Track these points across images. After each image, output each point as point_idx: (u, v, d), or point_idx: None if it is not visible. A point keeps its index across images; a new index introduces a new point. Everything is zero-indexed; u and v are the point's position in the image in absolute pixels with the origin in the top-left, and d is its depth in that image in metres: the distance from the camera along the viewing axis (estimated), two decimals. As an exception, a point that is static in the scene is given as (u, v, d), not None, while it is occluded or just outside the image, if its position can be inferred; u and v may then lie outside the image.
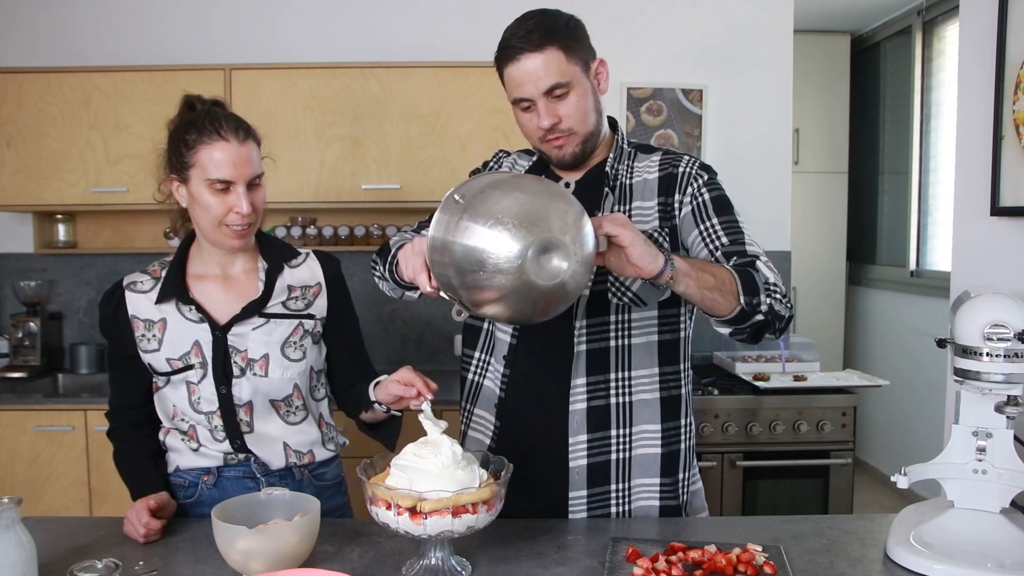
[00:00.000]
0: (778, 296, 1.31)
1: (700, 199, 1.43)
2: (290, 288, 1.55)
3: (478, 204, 1.12)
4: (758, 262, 1.33)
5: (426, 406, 1.30)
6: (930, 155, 4.11)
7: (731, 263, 1.33)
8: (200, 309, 1.49)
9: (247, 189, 1.43)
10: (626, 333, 1.45)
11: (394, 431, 1.58)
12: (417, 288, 1.49)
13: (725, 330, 1.33)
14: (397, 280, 1.46)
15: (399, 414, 1.54)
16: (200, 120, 1.43)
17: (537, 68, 1.35)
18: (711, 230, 1.40)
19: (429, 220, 1.59)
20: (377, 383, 1.51)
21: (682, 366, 1.50)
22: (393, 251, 1.46)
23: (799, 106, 3.70)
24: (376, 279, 1.58)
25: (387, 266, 1.49)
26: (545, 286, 1.11)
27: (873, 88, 4.60)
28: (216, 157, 1.41)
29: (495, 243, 1.09)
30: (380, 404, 1.50)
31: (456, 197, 1.15)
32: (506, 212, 1.10)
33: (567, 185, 1.22)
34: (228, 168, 1.41)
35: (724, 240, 1.38)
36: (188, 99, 1.50)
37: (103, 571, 1.14)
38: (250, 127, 1.47)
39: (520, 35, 1.35)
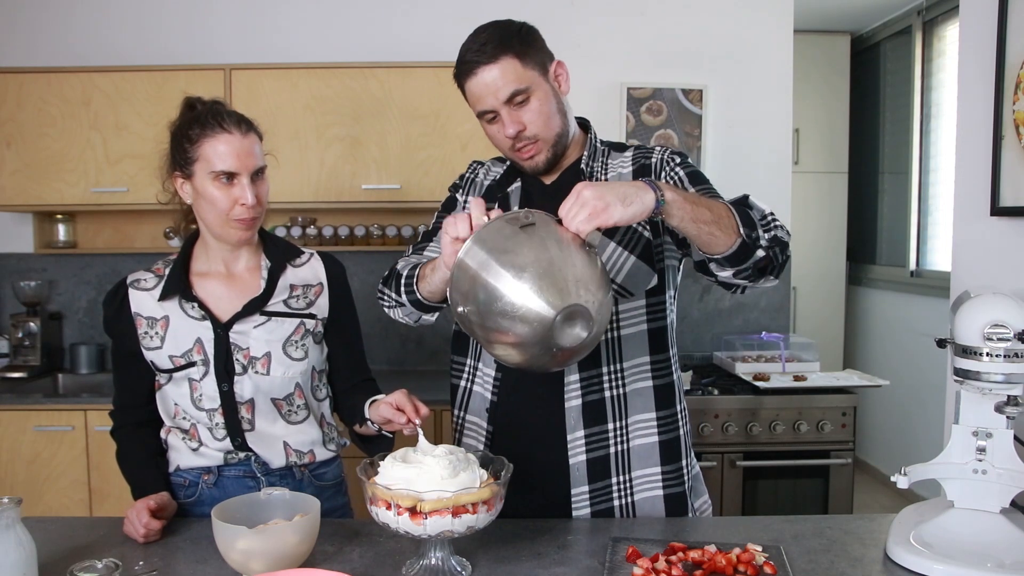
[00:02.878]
0: (776, 224, 1.29)
1: (675, 176, 1.45)
2: (292, 287, 1.56)
3: (505, 253, 1.10)
4: (750, 198, 1.32)
5: (421, 438, 1.29)
6: (930, 155, 4.11)
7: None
8: (202, 306, 1.50)
9: (251, 181, 1.45)
10: (615, 324, 1.45)
11: (383, 448, 1.56)
12: (435, 310, 1.45)
13: (727, 272, 1.28)
14: (415, 299, 1.42)
15: (390, 436, 1.53)
16: (203, 116, 1.45)
17: (495, 79, 1.36)
18: None
19: (427, 235, 1.58)
20: (373, 401, 1.50)
21: (671, 352, 1.52)
22: (406, 272, 1.43)
23: (799, 106, 3.70)
24: (386, 309, 1.53)
25: (402, 288, 1.44)
26: (567, 346, 1.13)
27: (873, 88, 4.59)
28: (220, 149, 1.42)
29: (523, 298, 1.09)
30: (373, 423, 1.50)
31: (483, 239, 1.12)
32: (534, 270, 1.09)
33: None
34: (232, 159, 1.42)
35: None
36: (188, 100, 1.52)
37: (103, 571, 1.14)
38: (251, 121, 1.49)
39: (474, 49, 1.37)
